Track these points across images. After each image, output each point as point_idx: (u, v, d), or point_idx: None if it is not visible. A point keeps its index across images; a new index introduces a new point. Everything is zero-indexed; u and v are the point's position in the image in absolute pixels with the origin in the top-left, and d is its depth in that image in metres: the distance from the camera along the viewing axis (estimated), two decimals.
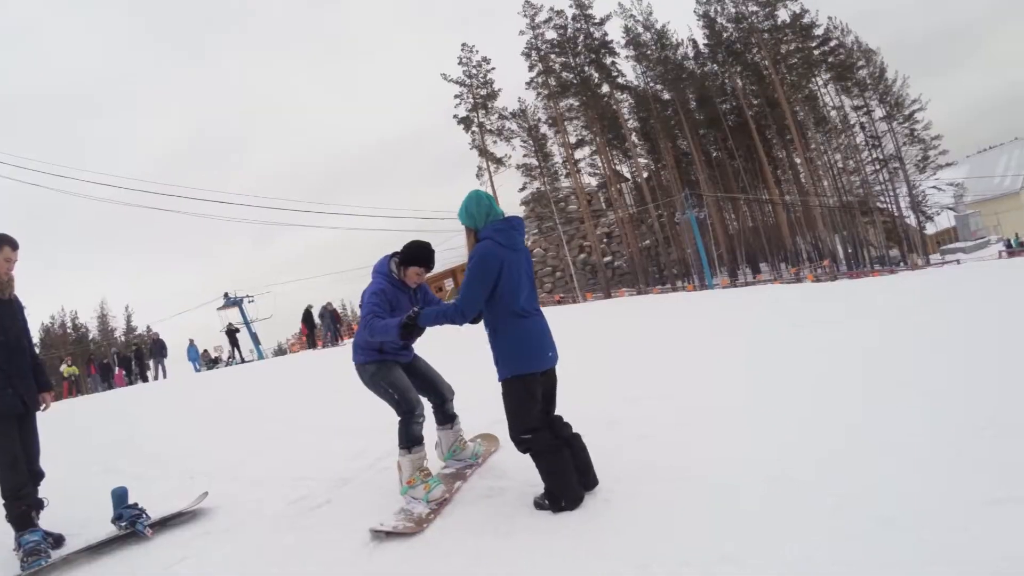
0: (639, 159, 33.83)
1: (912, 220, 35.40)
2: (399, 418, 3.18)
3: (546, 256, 32.98)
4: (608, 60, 33.26)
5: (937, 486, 2.48)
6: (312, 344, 21.88)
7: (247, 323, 28.53)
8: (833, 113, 34.96)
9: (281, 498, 3.44)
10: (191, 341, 23.29)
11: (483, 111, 33.29)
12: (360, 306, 3.21)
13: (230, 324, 24.49)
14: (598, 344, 8.85)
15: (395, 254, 3.23)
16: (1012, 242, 37.16)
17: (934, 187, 36.43)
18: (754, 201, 32.38)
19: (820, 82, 35.22)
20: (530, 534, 2.58)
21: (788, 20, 33.82)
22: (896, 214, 35.15)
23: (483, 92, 33.44)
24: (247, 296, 29.19)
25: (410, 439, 3.15)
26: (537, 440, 2.77)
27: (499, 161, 32.36)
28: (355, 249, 38.49)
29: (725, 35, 34.11)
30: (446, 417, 3.50)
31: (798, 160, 33.01)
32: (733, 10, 34.00)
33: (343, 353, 15.36)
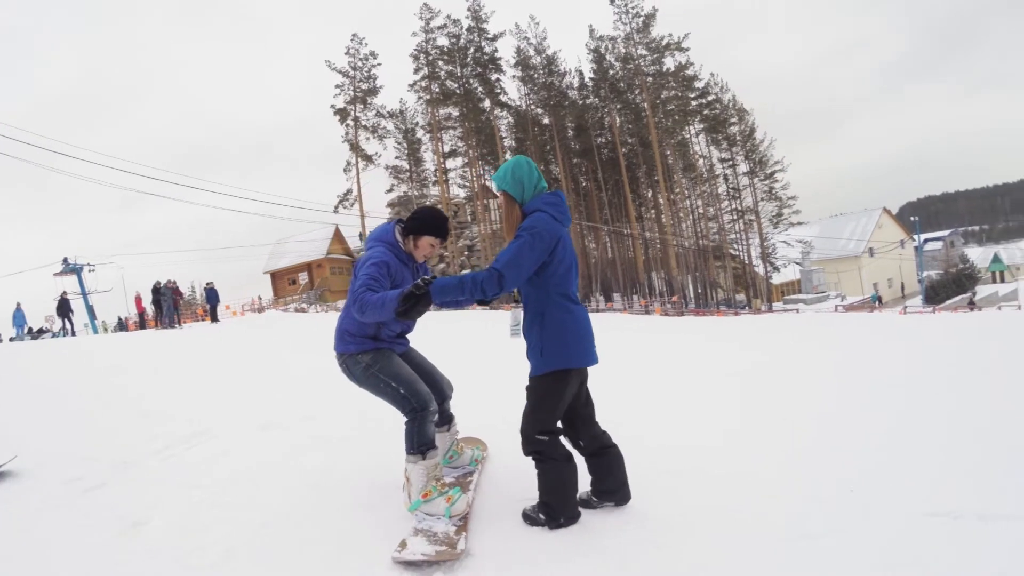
0: None
1: (761, 269, 38.22)
2: (406, 418, 2.64)
3: None
4: (494, 76, 33.45)
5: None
6: (155, 323, 19.68)
7: (84, 294, 25.84)
8: (701, 162, 37.18)
9: (58, 476, 3.23)
10: (18, 305, 20.51)
11: (362, 105, 32.38)
12: (353, 279, 2.54)
13: (64, 292, 21.86)
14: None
15: (399, 221, 2.67)
16: (872, 296, 41.29)
17: (784, 241, 39.58)
18: (615, 233, 33.54)
19: (693, 131, 37.38)
20: (590, 557, 2.21)
21: (672, 69, 35.66)
22: (746, 262, 37.79)
23: (365, 86, 32.57)
24: (88, 264, 26.50)
25: (423, 443, 2.62)
26: (551, 445, 2.42)
27: (369, 159, 31.52)
28: (221, 232, 36.17)
29: (611, 72, 35.37)
30: (443, 418, 2.98)
31: (662, 200, 34.61)
32: (623, 50, 35.36)
33: (182, 336, 14.03)
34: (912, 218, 46.59)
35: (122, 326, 27.95)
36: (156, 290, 18.85)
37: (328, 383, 6.19)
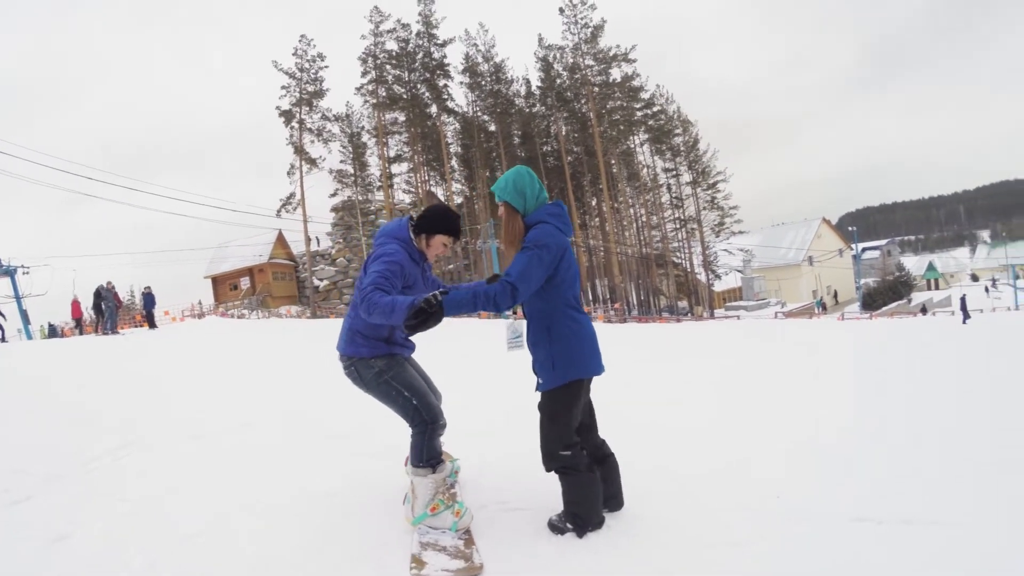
0: (455, 183, 34.36)
1: (703, 276, 39.48)
2: (413, 430, 2.55)
3: (348, 267, 32.18)
4: (442, 82, 33.60)
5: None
6: (94, 329, 18.43)
7: (17, 297, 24.65)
8: (645, 171, 38.23)
9: None
10: None
11: (307, 108, 31.99)
12: (362, 275, 2.40)
13: None
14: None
15: (410, 218, 2.52)
16: (816, 304, 43.04)
17: (726, 250, 41.04)
18: None
19: (638, 141, 38.40)
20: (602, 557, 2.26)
21: (619, 79, 36.54)
22: (689, 270, 39.00)
23: (311, 88, 32.19)
24: (22, 267, 25.33)
25: (432, 456, 2.54)
26: (575, 458, 2.39)
27: (313, 162, 31.16)
28: (161, 236, 35.14)
29: (559, 81, 36.01)
30: None
31: (606, 208, 35.38)
32: (571, 60, 36.06)
33: (122, 342, 13.12)
34: (850, 228, 48.86)
35: (54, 332, 26.76)
36: (98, 293, 17.72)
37: (268, 388, 6.25)
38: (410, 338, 2.65)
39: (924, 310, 35.50)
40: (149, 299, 20.05)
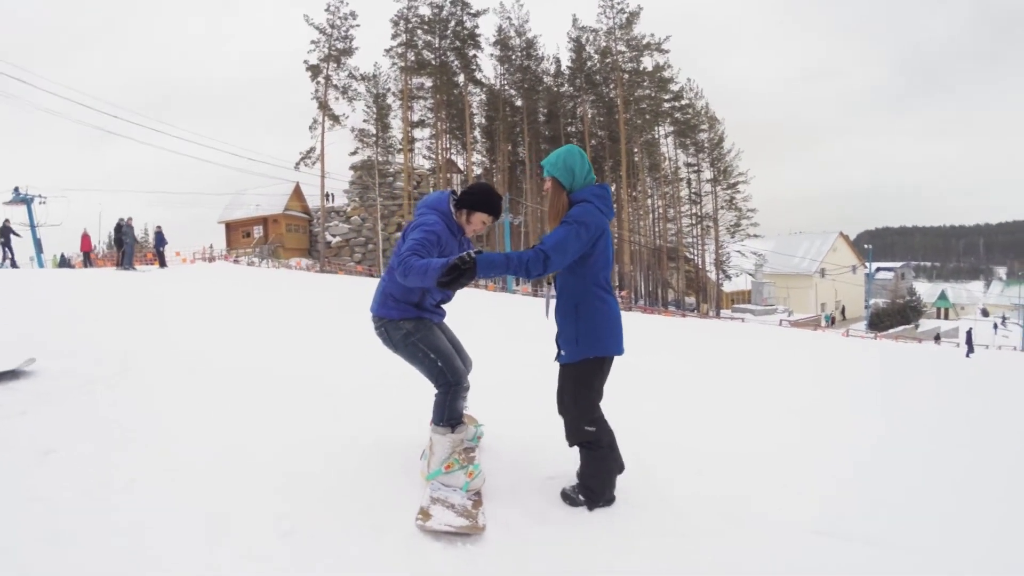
0: (476, 155, 34.29)
1: (713, 275, 39.30)
2: (437, 390, 2.66)
3: (362, 226, 32.28)
4: (472, 52, 33.41)
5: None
6: (116, 263, 18.40)
7: (32, 226, 24.96)
8: (667, 163, 37.94)
9: None
10: None
11: (335, 64, 31.97)
12: (400, 242, 2.50)
13: (6, 221, 20.90)
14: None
15: (453, 192, 2.63)
16: (825, 317, 42.77)
17: (739, 251, 40.82)
18: None
19: (663, 132, 38.10)
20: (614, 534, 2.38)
21: (650, 68, 36.20)
22: (700, 266, 38.82)
23: (340, 45, 32.13)
24: (39, 196, 25.63)
25: (453, 416, 2.65)
26: (599, 433, 2.50)
27: (336, 119, 31.17)
28: (178, 178, 35.34)
29: (589, 64, 35.73)
30: None
31: (624, 196, 35.20)
32: (604, 44, 35.75)
33: (142, 277, 13.18)
34: (866, 246, 48.41)
35: (65, 263, 27.03)
36: (118, 227, 17.73)
37: (280, 335, 6.19)
38: (441, 306, 2.76)
39: (938, 338, 35.08)
40: (160, 238, 20.15)
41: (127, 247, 17.16)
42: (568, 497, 2.58)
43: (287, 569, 1.94)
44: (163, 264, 19.79)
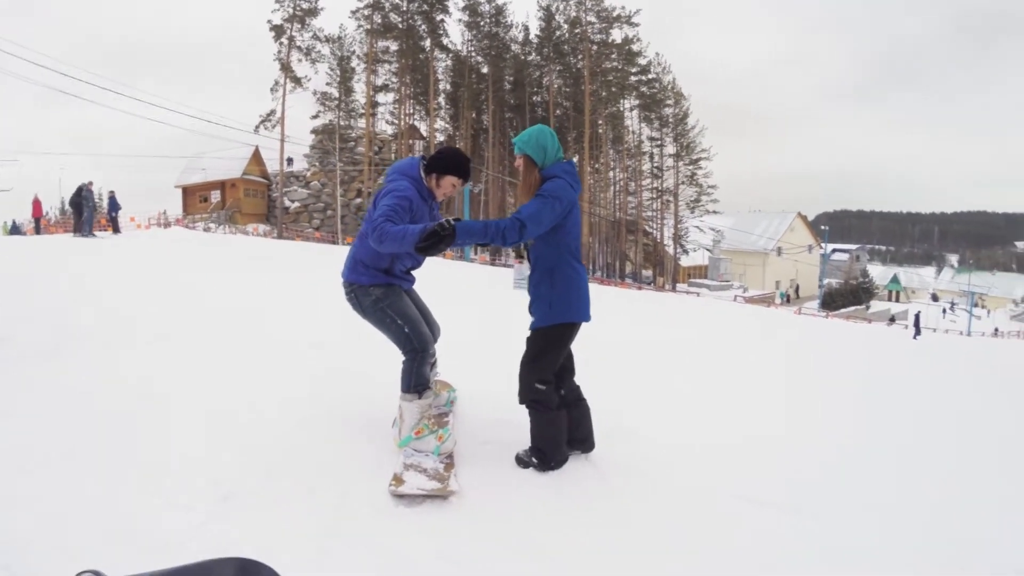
0: (439, 121, 34.24)
1: (671, 249, 40.34)
2: (404, 357, 2.70)
3: (321, 191, 32.11)
4: (439, 16, 33.09)
5: None
6: (76, 228, 17.91)
7: None
8: (630, 136, 38.46)
9: None
10: None
11: (299, 25, 31.31)
12: (371, 209, 2.53)
13: None
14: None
15: (423, 157, 2.67)
16: (780, 295, 44.19)
17: (698, 227, 41.85)
18: None
19: (628, 105, 38.51)
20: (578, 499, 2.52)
21: (618, 41, 36.36)
22: (658, 240, 39.79)
23: (305, 6, 31.41)
24: None
25: (419, 383, 2.70)
26: (547, 394, 2.62)
27: (298, 81, 30.68)
28: (134, 141, 34.18)
29: (558, 34, 35.70)
30: None
31: (588, 168, 35.68)
32: (574, 14, 35.70)
33: (101, 244, 13.20)
34: (823, 227, 50.05)
35: (16, 230, 26.18)
36: (79, 192, 16.86)
37: (240, 302, 6.14)
38: (410, 272, 2.82)
39: (892, 320, 36.56)
40: (113, 203, 19.61)
41: (87, 213, 16.68)
42: (521, 460, 2.72)
43: (256, 532, 2.02)
44: (116, 230, 19.35)
